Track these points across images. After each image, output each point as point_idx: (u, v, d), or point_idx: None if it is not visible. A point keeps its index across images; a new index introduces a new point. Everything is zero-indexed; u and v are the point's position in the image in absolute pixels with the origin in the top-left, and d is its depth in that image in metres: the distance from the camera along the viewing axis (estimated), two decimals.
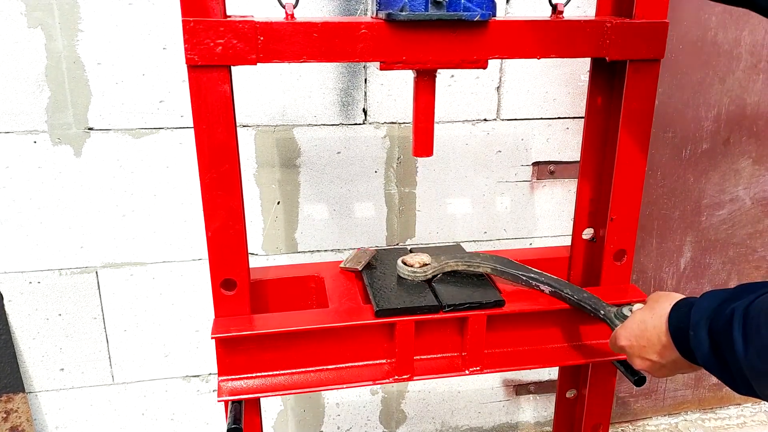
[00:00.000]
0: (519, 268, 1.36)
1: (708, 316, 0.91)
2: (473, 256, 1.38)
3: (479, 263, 1.36)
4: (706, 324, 0.90)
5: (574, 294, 1.27)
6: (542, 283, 1.32)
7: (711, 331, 0.89)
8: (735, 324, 0.85)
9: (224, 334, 1.18)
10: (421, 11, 1.08)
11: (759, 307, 0.84)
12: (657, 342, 1.00)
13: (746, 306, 0.85)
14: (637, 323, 1.05)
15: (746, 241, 2.33)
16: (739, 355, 0.84)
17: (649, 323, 1.02)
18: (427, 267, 1.34)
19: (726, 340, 0.86)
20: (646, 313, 1.04)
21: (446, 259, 1.36)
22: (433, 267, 1.34)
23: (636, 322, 1.06)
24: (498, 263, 1.36)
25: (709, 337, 0.90)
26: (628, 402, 2.46)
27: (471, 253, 1.41)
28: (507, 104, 1.94)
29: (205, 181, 1.14)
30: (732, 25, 2.03)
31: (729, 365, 0.87)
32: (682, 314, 0.96)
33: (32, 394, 1.91)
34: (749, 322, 0.84)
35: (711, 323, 0.90)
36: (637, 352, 1.05)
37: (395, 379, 1.27)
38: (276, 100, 1.79)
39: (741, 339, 0.84)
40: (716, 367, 0.90)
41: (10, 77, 1.63)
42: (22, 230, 1.76)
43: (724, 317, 0.87)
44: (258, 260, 1.93)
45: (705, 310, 0.92)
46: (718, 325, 0.88)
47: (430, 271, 1.34)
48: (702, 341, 0.90)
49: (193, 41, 1.05)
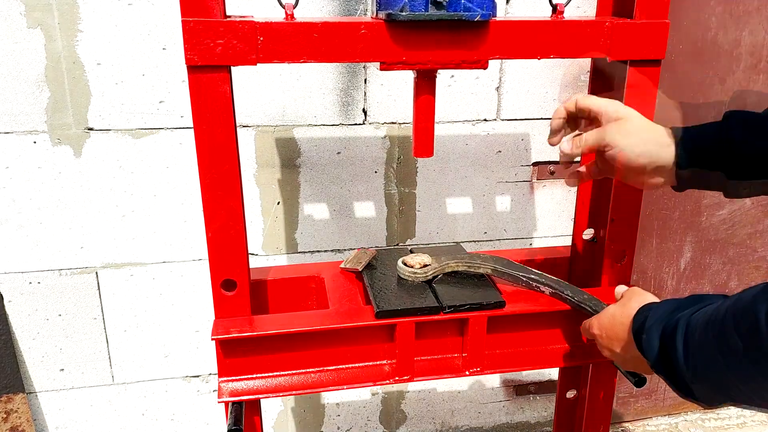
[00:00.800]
0: (519, 269, 1.36)
1: (660, 322, 0.95)
2: (473, 257, 1.38)
3: (480, 264, 1.36)
4: (658, 329, 0.95)
5: (575, 295, 1.27)
6: (543, 284, 1.32)
7: (662, 336, 0.94)
8: (678, 333, 0.90)
9: (225, 335, 1.18)
10: (422, 11, 1.08)
11: (695, 322, 0.88)
12: (621, 337, 1.07)
13: (689, 316, 0.90)
14: (609, 316, 1.12)
15: (746, 241, 2.33)
16: (680, 363, 0.89)
17: (617, 318, 1.09)
18: (428, 268, 1.34)
19: (671, 347, 0.91)
20: (618, 308, 1.11)
21: (447, 260, 1.36)
22: (433, 268, 1.34)
23: (608, 315, 1.12)
24: (498, 264, 1.36)
25: (659, 342, 0.94)
26: (628, 402, 2.46)
27: (471, 254, 1.41)
28: (507, 104, 1.94)
29: (205, 182, 1.14)
30: (732, 25, 2.03)
31: (674, 371, 0.91)
32: (643, 317, 1.00)
33: (32, 395, 1.91)
34: (689, 333, 0.89)
35: (663, 329, 0.94)
36: (605, 342, 1.12)
37: (395, 380, 1.26)
38: (276, 100, 1.79)
39: (682, 348, 0.89)
40: (663, 371, 0.95)
41: (10, 77, 1.63)
42: (22, 230, 1.76)
43: (672, 323, 0.92)
44: (258, 260, 1.93)
45: (659, 316, 0.97)
46: (667, 331, 0.93)
47: (430, 271, 1.34)
48: (653, 345, 0.95)
49: (192, 41, 1.05)
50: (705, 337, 0.86)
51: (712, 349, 0.84)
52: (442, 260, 1.36)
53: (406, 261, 1.35)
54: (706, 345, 0.85)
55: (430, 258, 1.36)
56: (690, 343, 0.88)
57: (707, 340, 0.85)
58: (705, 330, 0.86)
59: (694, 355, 0.87)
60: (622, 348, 1.07)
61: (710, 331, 0.85)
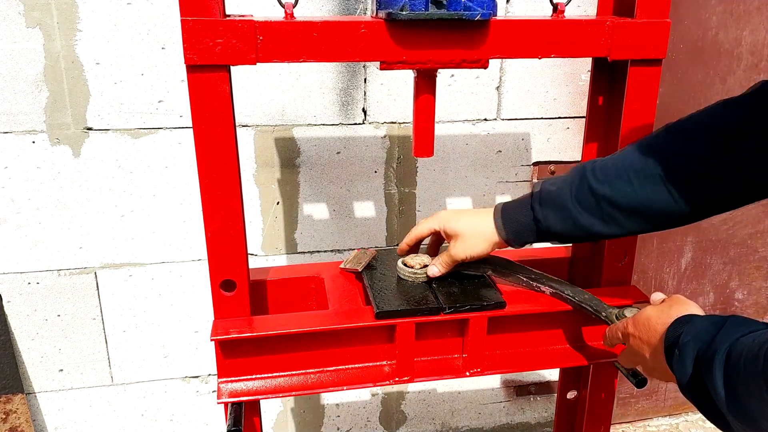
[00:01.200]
0: (520, 270, 1.35)
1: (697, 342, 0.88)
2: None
3: (479, 264, 1.35)
4: (693, 349, 0.88)
5: (575, 295, 1.27)
6: (543, 284, 1.32)
7: (697, 358, 0.87)
8: (717, 360, 0.83)
9: (224, 336, 1.18)
10: (422, 11, 1.08)
11: (737, 354, 0.81)
12: (652, 343, 1.00)
13: (732, 342, 0.83)
14: (645, 318, 1.05)
15: (747, 241, 2.33)
16: (718, 393, 0.82)
17: (653, 322, 1.02)
18: (428, 268, 1.33)
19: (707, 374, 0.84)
20: (656, 312, 1.04)
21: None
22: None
23: (644, 317, 1.06)
24: (498, 264, 1.36)
25: (693, 365, 0.88)
26: (629, 402, 2.45)
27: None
28: (507, 104, 1.94)
29: (204, 181, 1.14)
30: (733, 24, 2.02)
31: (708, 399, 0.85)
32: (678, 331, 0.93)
33: (31, 395, 1.90)
34: (732, 362, 0.81)
35: (698, 350, 0.87)
36: (636, 346, 1.05)
37: (396, 380, 1.26)
38: (275, 100, 1.79)
39: (722, 379, 0.82)
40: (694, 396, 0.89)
41: (9, 77, 1.62)
42: (21, 230, 1.75)
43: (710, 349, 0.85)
44: (258, 261, 1.92)
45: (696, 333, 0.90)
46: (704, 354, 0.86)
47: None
48: (686, 366, 0.89)
49: (192, 41, 1.04)
50: (752, 371, 0.77)
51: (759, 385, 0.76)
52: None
53: (406, 261, 1.35)
54: (752, 380, 0.77)
55: (431, 258, 1.36)
56: (732, 374, 0.80)
57: (754, 375, 0.77)
58: (754, 362, 0.77)
59: (736, 387, 0.80)
60: (650, 354, 1.01)
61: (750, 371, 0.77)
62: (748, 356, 0.79)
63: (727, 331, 0.85)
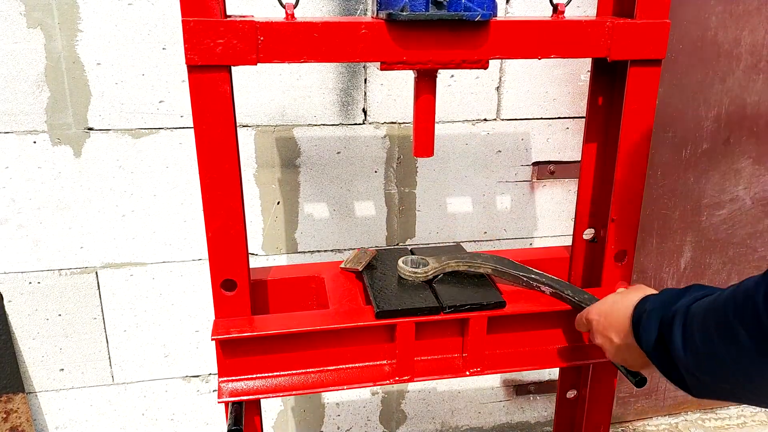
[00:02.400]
0: (520, 269, 1.36)
1: (659, 308, 0.95)
2: (474, 257, 1.38)
3: (480, 264, 1.36)
4: (657, 315, 0.95)
5: (575, 295, 1.27)
6: (543, 284, 1.32)
7: (661, 323, 0.94)
8: (676, 322, 0.89)
9: (225, 335, 1.18)
10: (422, 11, 1.08)
11: (695, 311, 0.87)
12: (619, 323, 1.06)
13: (689, 304, 0.90)
14: (609, 303, 1.12)
15: (746, 241, 2.33)
16: (678, 351, 0.88)
17: (619, 304, 1.08)
18: (428, 268, 1.34)
19: (668, 335, 0.90)
20: (619, 297, 1.11)
21: (447, 260, 1.36)
22: (434, 267, 1.34)
23: (608, 302, 1.13)
24: (499, 264, 1.36)
25: (658, 329, 0.94)
26: (628, 402, 2.46)
27: (472, 254, 1.41)
28: (507, 104, 1.94)
29: (205, 181, 1.14)
30: (732, 24, 2.03)
31: (670, 359, 0.91)
32: (643, 308, 1.00)
33: (32, 395, 1.91)
34: (687, 322, 0.88)
35: (662, 316, 0.94)
36: (600, 328, 1.11)
37: (396, 380, 1.26)
38: (276, 100, 1.79)
39: (680, 339, 0.88)
40: (658, 358, 0.94)
41: (10, 77, 1.63)
42: (22, 230, 1.76)
43: (671, 312, 0.92)
44: (258, 260, 1.93)
45: (659, 304, 0.97)
46: (666, 319, 0.92)
47: (431, 271, 1.34)
48: (650, 330, 0.95)
49: (193, 41, 1.05)
50: (705, 326, 0.84)
51: (712, 337, 0.82)
52: (443, 260, 1.36)
53: (406, 261, 1.36)
54: (707, 333, 0.84)
55: (431, 258, 1.36)
56: (688, 331, 0.87)
57: (707, 328, 0.84)
58: (704, 318, 0.85)
59: (693, 343, 0.86)
60: (618, 336, 1.06)
61: (711, 320, 0.83)
62: (700, 315, 0.85)
63: (688, 295, 0.93)
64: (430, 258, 1.37)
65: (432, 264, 1.35)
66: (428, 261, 1.36)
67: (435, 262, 1.36)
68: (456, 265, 1.36)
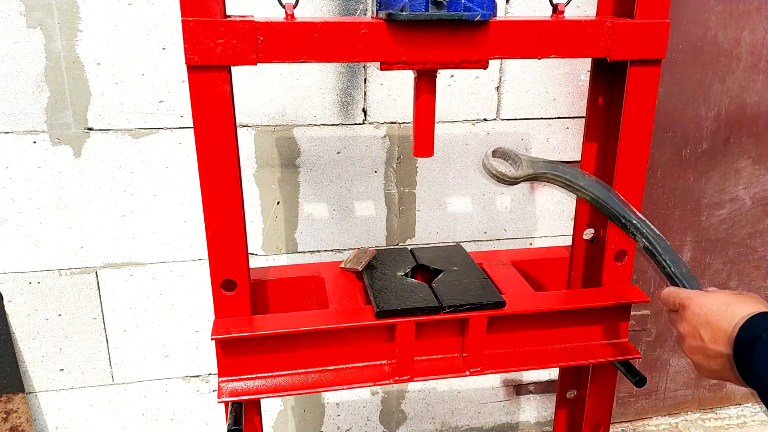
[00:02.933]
0: (620, 208, 1.17)
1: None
2: (576, 175, 1.21)
3: (580, 188, 1.19)
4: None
5: (673, 265, 1.09)
6: (640, 234, 1.13)
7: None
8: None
9: (225, 335, 1.18)
10: (422, 11, 1.08)
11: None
12: (721, 328, 0.91)
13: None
14: (720, 300, 0.94)
15: (746, 241, 2.33)
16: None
17: (731, 307, 0.91)
18: (520, 171, 1.20)
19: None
20: (735, 299, 0.94)
21: (544, 169, 1.21)
22: (526, 173, 1.20)
23: (720, 298, 0.95)
24: (599, 194, 1.18)
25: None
26: (628, 402, 2.46)
27: (573, 171, 1.23)
28: (507, 104, 1.94)
29: (205, 181, 1.14)
30: (732, 24, 2.03)
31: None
32: (756, 329, 0.85)
33: (32, 395, 1.91)
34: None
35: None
36: (695, 321, 0.95)
37: (396, 380, 1.26)
38: (276, 100, 1.79)
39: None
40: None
41: (10, 77, 1.63)
42: (22, 230, 1.76)
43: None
44: (258, 260, 1.93)
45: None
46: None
47: (521, 177, 1.20)
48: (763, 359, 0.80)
49: (192, 41, 1.05)
50: None
51: None
52: (539, 166, 1.20)
53: (496, 153, 1.22)
54: None
55: (525, 159, 1.21)
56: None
57: None
58: None
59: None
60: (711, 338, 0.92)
61: None
62: None
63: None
64: (525, 159, 1.21)
65: (525, 167, 1.19)
66: (521, 160, 1.20)
67: (529, 166, 1.20)
68: (553, 177, 1.21)
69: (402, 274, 1.38)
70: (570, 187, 1.20)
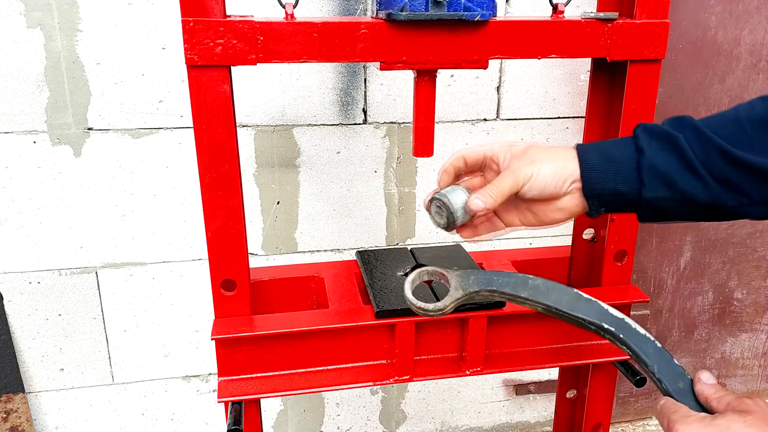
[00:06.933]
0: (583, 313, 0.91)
1: None
2: (516, 286, 0.94)
3: (524, 300, 0.93)
4: None
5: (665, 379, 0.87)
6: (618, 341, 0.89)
7: None
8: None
9: (224, 335, 1.18)
10: (422, 11, 1.08)
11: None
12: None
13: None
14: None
15: (746, 241, 2.33)
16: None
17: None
18: (446, 302, 0.94)
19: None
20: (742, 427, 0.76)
21: (475, 288, 0.94)
22: (455, 300, 0.94)
23: (721, 428, 0.78)
24: (549, 302, 0.92)
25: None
26: (628, 402, 2.46)
27: (515, 279, 0.95)
28: (507, 104, 1.94)
29: (205, 181, 1.14)
30: (732, 24, 2.03)
31: None
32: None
33: (32, 395, 1.91)
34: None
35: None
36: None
37: (396, 380, 1.26)
38: (275, 100, 1.79)
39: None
40: None
41: (10, 77, 1.63)
42: (22, 230, 1.76)
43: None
44: (258, 260, 1.93)
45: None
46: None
47: (450, 306, 0.94)
48: None
49: (192, 41, 1.05)
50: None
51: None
52: (469, 288, 0.94)
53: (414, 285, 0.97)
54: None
55: (454, 282, 0.95)
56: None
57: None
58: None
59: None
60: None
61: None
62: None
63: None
64: (453, 279, 0.95)
65: (452, 296, 0.93)
66: (450, 282, 0.95)
67: (458, 289, 0.94)
68: (488, 295, 0.94)
69: (402, 274, 1.38)
70: (514, 301, 0.95)
